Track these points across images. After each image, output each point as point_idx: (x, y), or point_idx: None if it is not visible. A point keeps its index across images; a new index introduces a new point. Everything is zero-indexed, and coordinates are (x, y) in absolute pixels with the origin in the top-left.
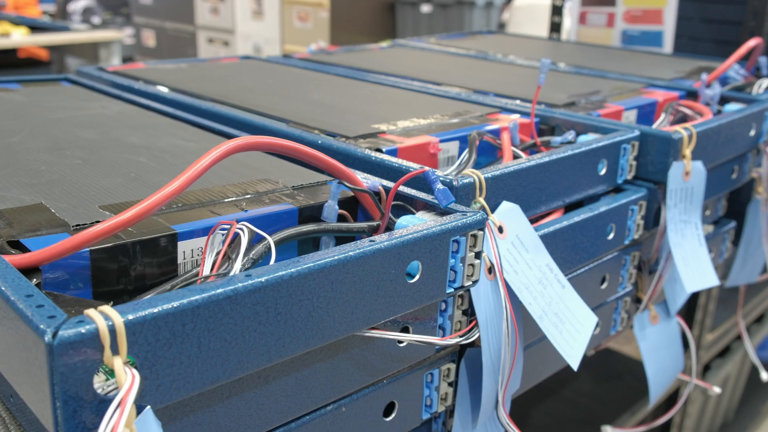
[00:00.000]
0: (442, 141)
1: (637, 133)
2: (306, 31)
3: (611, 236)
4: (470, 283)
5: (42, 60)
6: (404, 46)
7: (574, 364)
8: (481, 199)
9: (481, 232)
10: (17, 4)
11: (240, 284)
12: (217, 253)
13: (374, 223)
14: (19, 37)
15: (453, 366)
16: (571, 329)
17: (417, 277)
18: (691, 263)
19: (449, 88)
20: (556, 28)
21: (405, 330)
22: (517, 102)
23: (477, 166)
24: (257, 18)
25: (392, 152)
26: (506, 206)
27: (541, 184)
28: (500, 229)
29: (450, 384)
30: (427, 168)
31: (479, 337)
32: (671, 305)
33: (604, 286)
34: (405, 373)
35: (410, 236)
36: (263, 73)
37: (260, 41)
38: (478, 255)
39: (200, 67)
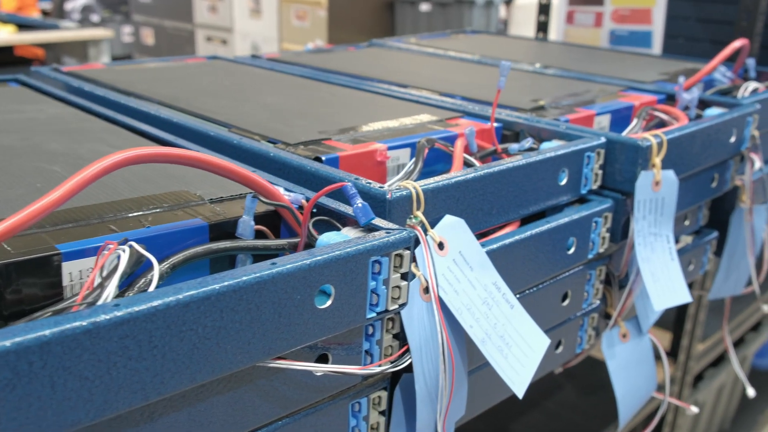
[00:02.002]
0: (391, 148)
1: (602, 140)
2: (304, 30)
3: (572, 250)
4: (396, 306)
5: (39, 58)
6: (381, 46)
7: (519, 392)
8: (419, 213)
9: (408, 252)
10: (22, 4)
11: (103, 316)
12: (107, 276)
13: (294, 240)
14: (4, 35)
15: (384, 393)
16: (518, 353)
17: (329, 302)
18: (661, 279)
19: (415, 91)
20: (542, 27)
21: (323, 357)
22: (483, 106)
23: (432, 175)
24: (255, 16)
25: (333, 161)
26: (449, 220)
27: (491, 196)
28: (440, 246)
29: (382, 413)
30: (346, 181)
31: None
32: (643, 322)
33: (566, 302)
34: (326, 403)
35: (319, 258)
36: (224, 75)
37: (258, 40)
38: (404, 276)
39: (160, 68)
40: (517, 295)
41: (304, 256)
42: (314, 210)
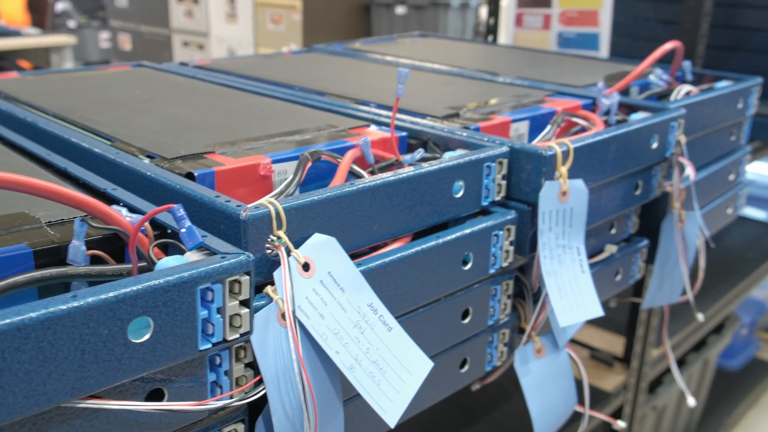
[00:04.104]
0: (276, 161)
1: (504, 149)
2: (279, 34)
3: (469, 266)
4: (238, 336)
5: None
6: (322, 51)
7: (391, 421)
8: (281, 233)
9: (247, 277)
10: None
11: None
12: None
13: (131, 266)
14: None
15: (242, 426)
16: (393, 379)
17: (147, 335)
18: (569, 293)
19: (332, 99)
20: (491, 30)
21: (157, 392)
22: (397, 114)
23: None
24: (231, 21)
25: (208, 176)
26: (317, 239)
27: (370, 211)
28: (306, 267)
29: None
30: (173, 204)
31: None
32: (559, 336)
33: (467, 320)
34: None
35: (130, 289)
36: (138, 84)
37: (234, 44)
38: (245, 303)
39: (74, 78)
40: (406, 316)
41: (111, 288)
42: (170, 231)
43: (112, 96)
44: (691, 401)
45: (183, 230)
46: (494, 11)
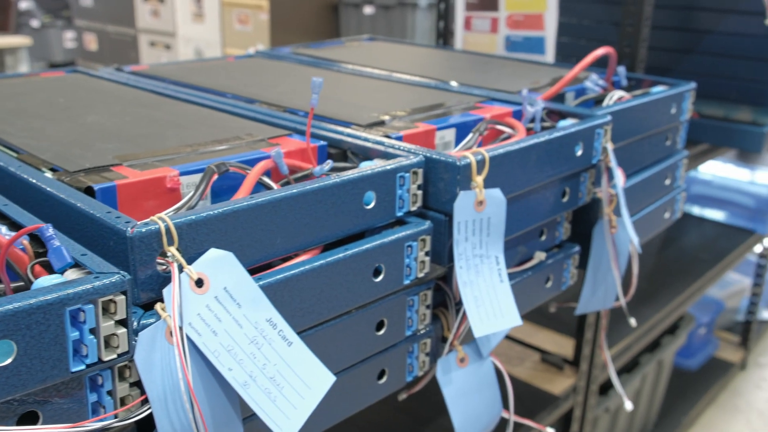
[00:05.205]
0: (184, 173)
1: (417, 159)
2: (246, 34)
3: (381, 277)
4: (115, 356)
5: None
6: (266, 55)
7: None
8: (173, 249)
9: (123, 297)
10: None
11: None
12: None
13: (14, 285)
14: None
15: None
16: (291, 394)
17: (10, 359)
18: (485, 303)
19: (262, 107)
20: (441, 34)
21: (30, 415)
22: (324, 123)
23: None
24: (198, 21)
25: (108, 191)
26: (213, 254)
27: (272, 225)
28: (199, 283)
29: None
30: (43, 224)
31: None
32: (482, 345)
33: (382, 331)
34: None
35: None
36: (65, 92)
37: (201, 44)
38: (122, 322)
39: (1, 84)
40: (314, 329)
41: None
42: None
43: (32, 104)
44: (628, 405)
45: (50, 250)
46: (443, 15)
